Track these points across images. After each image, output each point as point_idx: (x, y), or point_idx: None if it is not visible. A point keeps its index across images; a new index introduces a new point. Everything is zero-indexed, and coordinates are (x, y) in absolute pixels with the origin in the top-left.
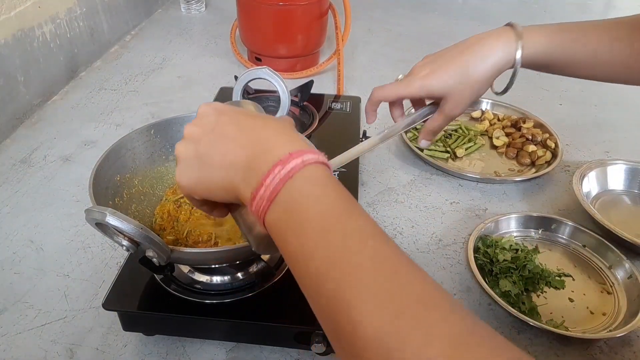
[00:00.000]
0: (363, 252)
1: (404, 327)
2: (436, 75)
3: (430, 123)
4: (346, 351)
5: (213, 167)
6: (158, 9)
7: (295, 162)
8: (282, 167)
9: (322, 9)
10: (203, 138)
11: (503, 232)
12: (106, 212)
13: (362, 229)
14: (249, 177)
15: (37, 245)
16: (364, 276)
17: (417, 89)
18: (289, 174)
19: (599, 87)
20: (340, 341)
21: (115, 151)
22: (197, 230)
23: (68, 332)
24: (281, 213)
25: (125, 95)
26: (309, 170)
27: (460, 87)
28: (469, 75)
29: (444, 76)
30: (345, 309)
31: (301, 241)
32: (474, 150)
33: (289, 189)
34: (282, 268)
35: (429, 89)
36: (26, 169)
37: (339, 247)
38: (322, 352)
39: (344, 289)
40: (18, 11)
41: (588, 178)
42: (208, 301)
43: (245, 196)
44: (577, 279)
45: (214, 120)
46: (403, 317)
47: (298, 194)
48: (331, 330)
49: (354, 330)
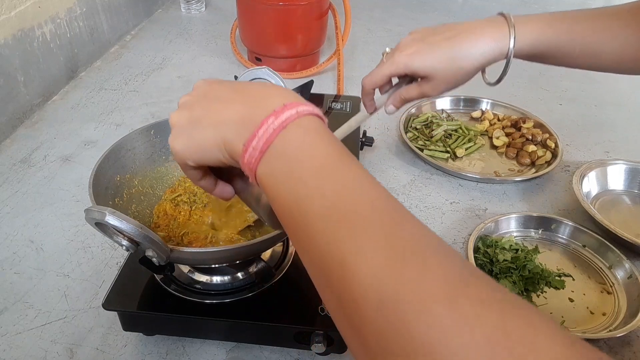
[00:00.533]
0: (361, 200)
1: (400, 271)
2: (422, 56)
3: (405, 92)
4: (339, 301)
5: (206, 126)
6: (158, 9)
7: (290, 113)
8: (276, 118)
9: (322, 9)
10: (196, 104)
11: (503, 232)
12: (106, 212)
13: (360, 178)
14: (242, 130)
15: (37, 245)
16: (362, 222)
17: (402, 68)
18: (283, 124)
19: (599, 87)
20: (333, 292)
21: (115, 151)
22: (194, 234)
23: (68, 332)
24: (274, 164)
25: (125, 95)
26: (304, 120)
27: (444, 73)
28: (456, 63)
29: (430, 59)
30: (341, 256)
31: (295, 191)
32: (474, 150)
33: (283, 139)
34: (282, 268)
35: (413, 69)
36: (26, 169)
37: (336, 195)
38: (322, 352)
39: (340, 236)
40: (18, 11)
41: (588, 178)
42: (208, 301)
43: (238, 150)
44: (577, 279)
45: (208, 87)
46: (400, 261)
47: (292, 144)
48: (324, 282)
49: (349, 277)
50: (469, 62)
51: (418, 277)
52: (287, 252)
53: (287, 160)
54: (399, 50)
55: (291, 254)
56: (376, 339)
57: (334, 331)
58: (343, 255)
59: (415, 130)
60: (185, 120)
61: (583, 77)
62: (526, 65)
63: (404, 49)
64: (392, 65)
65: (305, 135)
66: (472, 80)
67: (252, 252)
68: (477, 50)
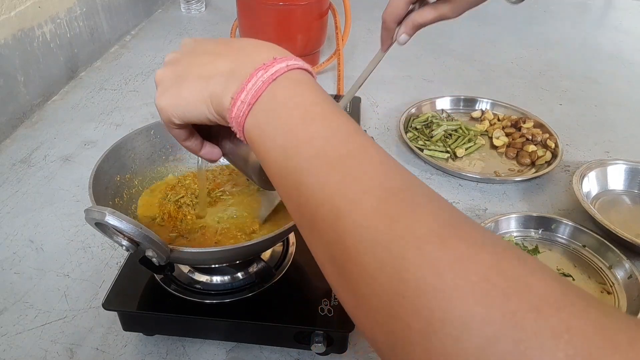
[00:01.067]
0: (351, 147)
1: (392, 213)
2: None
3: (419, 15)
4: (331, 250)
5: (192, 80)
6: (158, 9)
7: (279, 66)
8: (265, 71)
9: (322, 9)
10: (182, 59)
11: (503, 232)
12: (105, 212)
13: (349, 127)
14: (230, 84)
15: (37, 245)
16: (354, 167)
17: None
18: (272, 76)
19: (599, 87)
20: (325, 241)
21: (115, 151)
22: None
23: (68, 332)
24: (262, 116)
25: (125, 95)
26: (293, 74)
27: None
28: None
29: None
30: (332, 202)
31: (284, 142)
32: (474, 150)
33: (271, 91)
34: (282, 268)
35: None
36: (26, 169)
37: (326, 141)
38: (322, 352)
39: (332, 182)
40: (18, 11)
41: (588, 178)
42: (208, 301)
43: (225, 104)
44: (577, 279)
45: (194, 43)
46: (392, 204)
47: (281, 96)
48: (316, 233)
49: (341, 223)
50: None
51: (410, 219)
52: (287, 252)
53: (276, 112)
54: None
55: (291, 254)
56: (366, 281)
57: (334, 331)
58: (334, 201)
59: (415, 130)
60: (171, 76)
61: (583, 77)
62: (526, 65)
63: None
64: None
65: (295, 87)
66: (472, 80)
67: (252, 252)
68: None
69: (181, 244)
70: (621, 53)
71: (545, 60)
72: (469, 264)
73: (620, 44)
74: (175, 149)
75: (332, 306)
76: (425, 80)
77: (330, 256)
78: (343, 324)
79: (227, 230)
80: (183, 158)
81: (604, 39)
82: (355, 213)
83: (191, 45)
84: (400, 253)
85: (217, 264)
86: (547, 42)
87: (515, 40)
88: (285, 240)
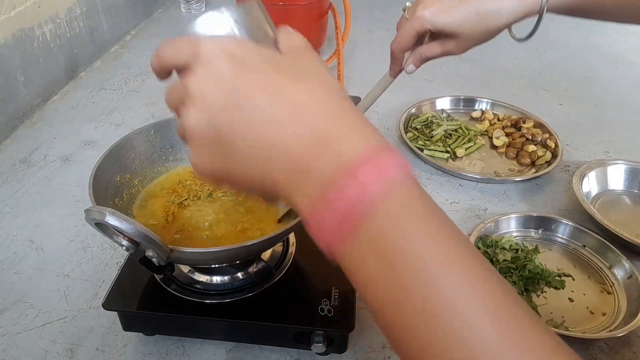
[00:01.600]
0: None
1: None
2: (448, 13)
3: (427, 49)
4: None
5: (244, 155)
6: (158, 9)
7: (373, 175)
8: (355, 182)
9: (322, 9)
10: (220, 107)
11: (503, 232)
12: (106, 212)
13: (478, 275)
14: (300, 181)
15: (37, 245)
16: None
17: (426, 25)
18: (370, 200)
19: (599, 87)
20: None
21: (115, 151)
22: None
23: (68, 332)
24: (361, 249)
25: (125, 95)
26: (395, 192)
27: (471, 31)
28: (484, 21)
29: (457, 16)
30: None
31: (393, 287)
32: (474, 150)
33: (371, 219)
34: (282, 268)
35: (438, 27)
36: (26, 169)
37: (445, 306)
38: (322, 352)
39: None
40: (18, 11)
41: (588, 178)
42: (208, 301)
43: (295, 203)
44: (577, 279)
45: (230, 76)
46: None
47: (385, 230)
48: None
49: None
50: (498, 19)
51: None
52: (287, 252)
53: (381, 252)
54: (422, 6)
55: (291, 254)
56: None
57: (334, 331)
58: None
59: (415, 130)
60: (208, 132)
61: (583, 77)
62: (526, 65)
63: (427, 5)
64: (416, 22)
65: (404, 218)
66: (472, 80)
67: (252, 252)
68: (507, 5)
69: (183, 244)
70: (621, 53)
71: (545, 60)
72: None
73: (620, 44)
74: (175, 149)
75: (332, 306)
76: (425, 80)
77: None
78: (343, 324)
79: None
80: (183, 158)
81: (604, 39)
82: None
83: (225, 78)
84: None
85: (217, 264)
86: (547, 42)
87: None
88: (285, 240)
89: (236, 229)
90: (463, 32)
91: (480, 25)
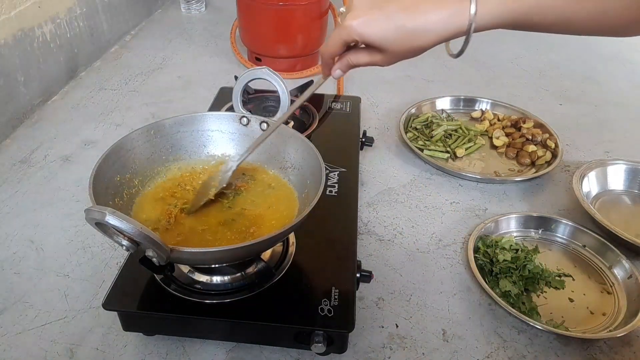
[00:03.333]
0: None
1: None
2: (375, 26)
3: (354, 57)
4: None
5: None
6: (158, 9)
7: None
8: None
9: (322, 9)
10: None
11: (503, 232)
12: (106, 212)
13: None
14: None
15: (37, 245)
16: None
17: (353, 36)
18: None
19: (599, 87)
20: None
21: (115, 151)
22: None
23: (68, 332)
24: None
25: (125, 95)
26: None
27: (398, 47)
28: (411, 38)
29: (383, 30)
30: None
31: None
32: (474, 150)
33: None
34: (282, 268)
35: (364, 38)
36: (26, 169)
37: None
38: (322, 352)
39: None
40: (18, 11)
41: (588, 178)
42: (208, 301)
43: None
44: (577, 279)
45: None
46: None
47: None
48: None
49: None
50: (426, 38)
51: None
52: (287, 252)
53: None
54: (351, 16)
55: (291, 254)
56: None
57: (334, 331)
58: None
59: (415, 130)
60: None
61: (583, 77)
62: (526, 65)
63: (356, 16)
64: (344, 32)
65: None
66: (472, 80)
67: (252, 252)
68: (435, 25)
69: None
70: (621, 53)
71: (545, 60)
72: None
73: (620, 44)
74: (175, 149)
75: (332, 306)
76: (425, 80)
77: None
78: (343, 324)
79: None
80: (183, 158)
81: (604, 39)
82: None
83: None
84: None
85: (217, 264)
86: (547, 42)
87: (515, 40)
88: (285, 240)
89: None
90: (390, 47)
91: (405, 42)
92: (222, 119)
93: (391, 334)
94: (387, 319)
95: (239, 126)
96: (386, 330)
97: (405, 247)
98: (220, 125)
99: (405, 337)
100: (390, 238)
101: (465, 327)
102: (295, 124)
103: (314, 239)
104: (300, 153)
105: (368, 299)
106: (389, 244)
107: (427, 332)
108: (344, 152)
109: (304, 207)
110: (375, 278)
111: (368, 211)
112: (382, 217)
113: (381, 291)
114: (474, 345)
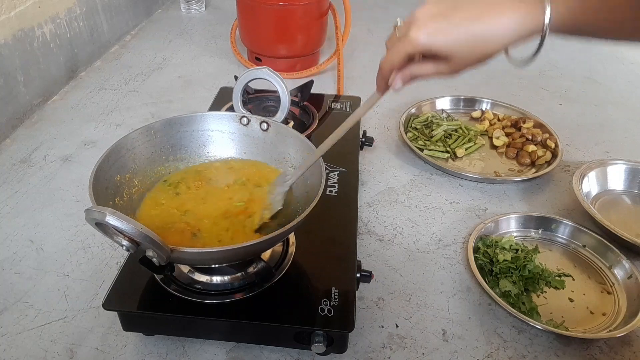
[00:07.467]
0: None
1: None
2: (442, 36)
3: (418, 69)
4: None
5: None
6: (158, 9)
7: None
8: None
9: (322, 9)
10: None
11: (503, 232)
12: (106, 212)
13: None
14: None
15: (37, 245)
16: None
17: (420, 48)
18: None
19: (599, 87)
20: None
21: (115, 151)
22: None
23: (68, 332)
24: None
25: (125, 95)
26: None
27: (466, 55)
28: (480, 45)
29: (451, 40)
30: None
31: None
32: (474, 150)
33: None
34: (282, 268)
35: (433, 50)
36: (26, 169)
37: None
38: (322, 352)
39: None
40: (18, 11)
41: (588, 178)
42: (208, 301)
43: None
44: (577, 279)
45: None
46: None
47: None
48: None
49: None
50: (495, 43)
51: None
52: (287, 252)
53: None
54: (415, 27)
55: (291, 254)
56: None
57: (334, 331)
58: None
59: (415, 130)
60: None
61: (583, 77)
62: None
63: (421, 26)
64: (410, 45)
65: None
66: (472, 80)
67: (252, 252)
68: (505, 30)
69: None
70: (621, 53)
71: (545, 60)
72: None
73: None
74: (175, 148)
75: (332, 306)
76: (425, 81)
77: None
78: (343, 324)
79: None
80: (183, 158)
81: None
82: None
83: None
84: None
85: (217, 264)
86: (547, 42)
87: None
88: (285, 240)
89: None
90: (457, 56)
91: (475, 49)
92: (222, 118)
93: (391, 334)
94: (387, 319)
95: (239, 126)
96: (386, 330)
97: (405, 247)
98: (220, 125)
99: (405, 337)
100: (390, 238)
101: (465, 327)
102: (295, 124)
103: (314, 239)
104: (300, 153)
105: (368, 299)
106: (389, 244)
107: (427, 332)
108: (344, 152)
109: (304, 207)
110: (375, 278)
111: (368, 211)
112: (382, 217)
113: (381, 291)
114: (474, 345)
